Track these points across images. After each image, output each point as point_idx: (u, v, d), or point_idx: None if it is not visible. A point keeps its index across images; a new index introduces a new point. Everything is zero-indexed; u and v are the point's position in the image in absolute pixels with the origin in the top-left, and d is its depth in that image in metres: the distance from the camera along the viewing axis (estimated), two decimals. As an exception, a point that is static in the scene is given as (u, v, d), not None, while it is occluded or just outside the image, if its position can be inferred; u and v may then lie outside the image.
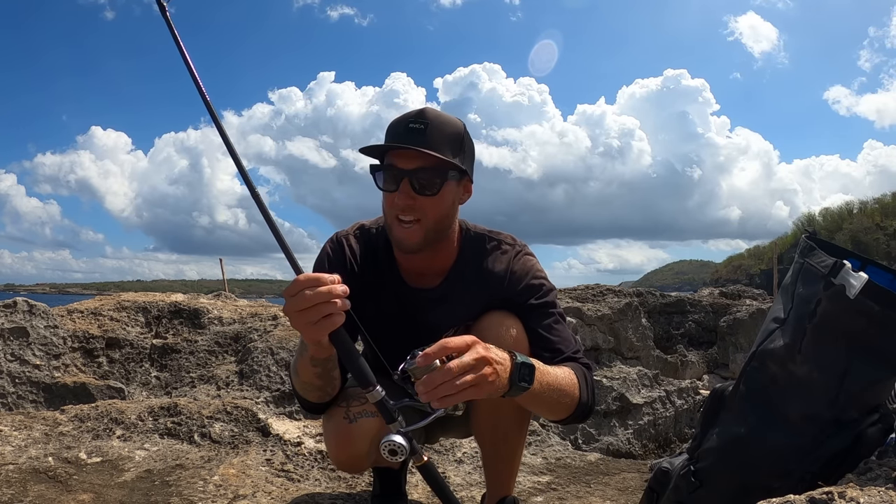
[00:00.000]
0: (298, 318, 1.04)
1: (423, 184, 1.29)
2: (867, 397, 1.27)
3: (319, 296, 1.02)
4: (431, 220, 1.32)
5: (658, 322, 5.31)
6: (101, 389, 2.76)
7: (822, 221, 63.34)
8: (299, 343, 1.27)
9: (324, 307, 1.03)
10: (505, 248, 1.44)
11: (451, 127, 1.32)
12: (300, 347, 1.27)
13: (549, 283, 1.43)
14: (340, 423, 1.36)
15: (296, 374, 1.31)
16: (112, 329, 3.15)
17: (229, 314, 3.53)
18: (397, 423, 1.10)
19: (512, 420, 1.41)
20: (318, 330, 1.05)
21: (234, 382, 2.87)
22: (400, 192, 1.29)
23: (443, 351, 1.02)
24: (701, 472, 1.42)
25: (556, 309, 1.41)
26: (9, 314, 2.81)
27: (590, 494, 1.98)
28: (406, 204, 1.29)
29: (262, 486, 1.80)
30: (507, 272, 1.41)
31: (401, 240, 1.33)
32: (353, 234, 1.46)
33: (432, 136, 1.28)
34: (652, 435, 2.97)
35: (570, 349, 1.36)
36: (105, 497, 1.64)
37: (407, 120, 1.29)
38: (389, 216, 1.33)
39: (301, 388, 1.33)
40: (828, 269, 1.26)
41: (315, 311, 1.03)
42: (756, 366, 1.40)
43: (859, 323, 1.21)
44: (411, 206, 1.29)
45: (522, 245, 1.47)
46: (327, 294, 1.02)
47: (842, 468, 1.22)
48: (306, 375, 1.28)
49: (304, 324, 1.05)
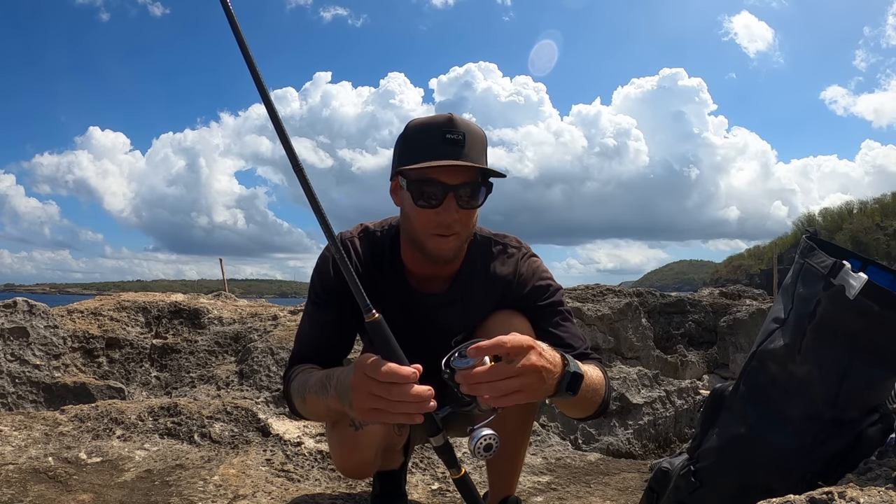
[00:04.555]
0: (371, 402, 0.96)
1: (468, 198, 1.26)
2: (867, 397, 1.27)
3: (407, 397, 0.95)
4: (466, 231, 1.30)
5: (658, 322, 5.31)
6: (101, 389, 2.76)
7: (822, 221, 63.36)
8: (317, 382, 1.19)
9: (403, 408, 0.95)
10: (511, 252, 1.44)
11: (480, 135, 1.29)
12: (317, 387, 1.18)
13: (555, 283, 1.44)
14: (346, 430, 1.34)
15: (303, 401, 1.24)
16: (112, 329, 3.15)
17: (229, 314, 3.53)
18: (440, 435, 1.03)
19: (517, 419, 1.41)
20: (384, 419, 0.98)
21: (234, 382, 2.87)
22: (444, 209, 1.24)
23: (497, 349, 0.98)
24: (701, 472, 1.42)
25: (563, 307, 1.41)
26: (9, 314, 2.81)
27: (590, 494, 1.98)
28: (453, 220, 1.25)
29: (262, 486, 1.80)
30: (514, 275, 1.41)
31: (437, 253, 1.29)
32: (358, 237, 1.42)
33: (471, 147, 1.25)
34: (652, 435, 2.97)
35: (581, 346, 1.36)
36: (105, 497, 1.64)
37: (441, 130, 1.24)
38: (424, 231, 1.28)
39: (304, 411, 1.28)
40: (827, 269, 1.26)
41: (392, 410, 0.96)
42: (756, 366, 1.40)
43: (859, 323, 1.21)
44: (456, 221, 1.26)
45: (528, 248, 1.48)
46: (416, 405, 0.95)
47: (842, 468, 1.22)
48: (317, 410, 1.22)
49: (371, 412, 0.97)
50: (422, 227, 1.28)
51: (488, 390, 0.97)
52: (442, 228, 1.26)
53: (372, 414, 0.98)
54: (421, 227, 1.28)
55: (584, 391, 1.15)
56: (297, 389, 1.27)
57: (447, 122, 1.25)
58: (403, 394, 0.95)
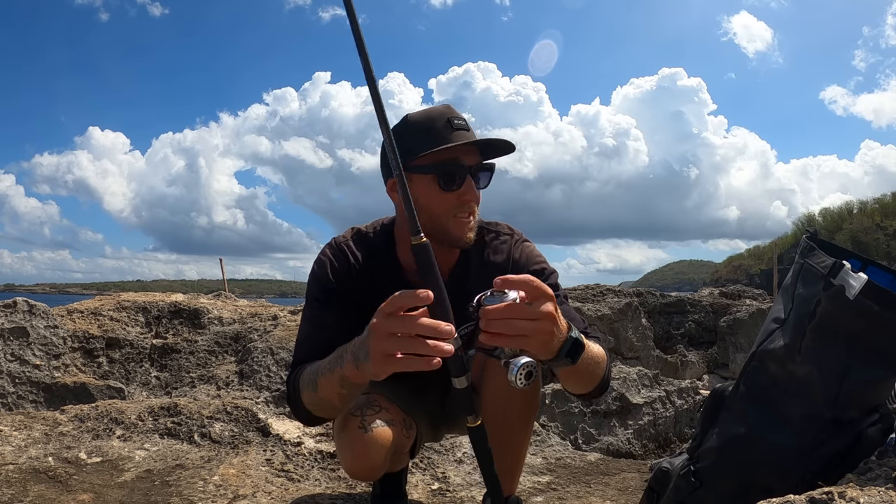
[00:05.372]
0: (389, 344, 0.93)
1: (483, 178, 1.32)
2: (867, 397, 1.27)
3: (428, 330, 0.91)
4: (477, 212, 1.35)
5: (658, 322, 5.31)
6: (101, 389, 2.77)
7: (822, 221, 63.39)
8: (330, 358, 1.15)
9: (424, 345, 0.92)
10: (504, 238, 1.46)
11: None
12: (330, 363, 1.15)
13: (549, 266, 1.45)
14: (356, 433, 1.32)
15: (313, 389, 1.21)
16: (112, 329, 3.16)
17: (229, 314, 3.53)
18: (465, 377, 1.00)
19: (519, 417, 1.41)
20: (400, 365, 0.94)
21: (234, 382, 2.88)
22: (465, 188, 1.28)
23: (524, 284, 0.96)
24: (701, 472, 1.42)
25: (559, 290, 1.41)
26: (9, 314, 2.81)
27: (590, 494, 1.98)
28: (475, 197, 1.30)
29: (262, 486, 1.80)
30: (508, 261, 1.43)
31: (459, 236, 1.32)
32: (352, 239, 1.44)
33: (473, 130, 1.30)
34: (652, 435, 2.97)
35: (580, 326, 1.37)
36: (105, 497, 1.64)
37: (444, 117, 1.30)
38: (445, 214, 1.30)
39: (313, 404, 1.24)
40: (827, 269, 1.26)
41: (412, 349, 0.92)
42: (756, 366, 1.40)
43: (859, 323, 1.21)
44: (476, 200, 1.32)
45: (520, 234, 1.49)
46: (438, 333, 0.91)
47: (842, 468, 1.22)
48: (329, 393, 1.18)
49: (390, 350, 0.93)
50: (444, 211, 1.30)
51: (502, 327, 0.94)
52: (464, 208, 1.30)
53: (389, 360, 0.94)
54: (443, 210, 1.29)
55: (585, 362, 1.14)
56: (305, 381, 1.23)
57: (448, 109, 1.32)
58: (425, 327, 0.91)
